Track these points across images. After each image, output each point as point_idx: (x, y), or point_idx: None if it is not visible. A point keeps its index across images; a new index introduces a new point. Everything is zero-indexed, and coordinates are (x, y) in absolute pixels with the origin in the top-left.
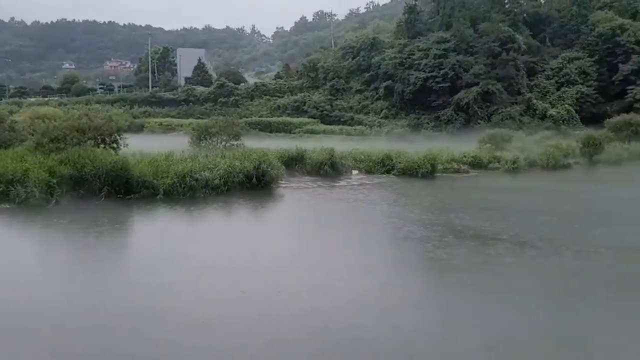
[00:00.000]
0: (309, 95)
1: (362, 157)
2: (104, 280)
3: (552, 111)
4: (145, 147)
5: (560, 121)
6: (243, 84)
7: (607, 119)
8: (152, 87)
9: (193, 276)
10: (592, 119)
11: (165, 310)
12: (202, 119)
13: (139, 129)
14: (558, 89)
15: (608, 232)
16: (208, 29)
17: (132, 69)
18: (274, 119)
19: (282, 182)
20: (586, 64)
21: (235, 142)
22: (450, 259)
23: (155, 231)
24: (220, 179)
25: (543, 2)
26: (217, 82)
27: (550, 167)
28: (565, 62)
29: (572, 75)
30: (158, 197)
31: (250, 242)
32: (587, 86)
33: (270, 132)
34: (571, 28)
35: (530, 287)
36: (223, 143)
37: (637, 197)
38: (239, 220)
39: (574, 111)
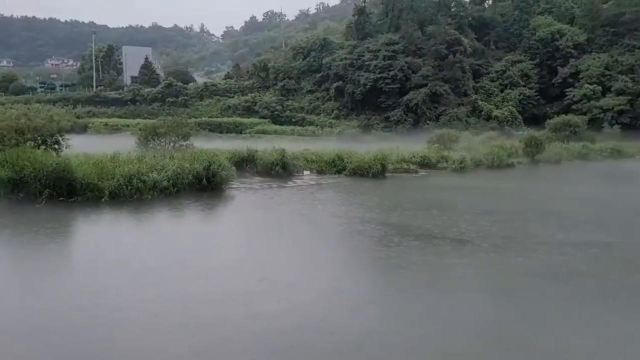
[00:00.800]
0: (259, 96)
1: (314, 157)
2: (42, 285)
3: (496, 112)
4: (90, 148)
5: (504, 122)
6: (192, 83)
7: (548, 120)
8: (97, 86)
9: (135, 280)
10: (534, 119)
11: (105, 313)
12: (149, 119)
13: (83, 129)
14: (502, 91)
15: (548, 229)
16: (155, 27)
17: (74, 67)
18: (225, 119)
19: (233, 183)
20: (528, 67)
21: (184, 143)
22: (397, 258)
23: (99, 234)
24: (168, 181)
25: (487, 6)
26: (165, 81)
27: (495, 166)
28: (508, 64)
29: (515, 78)
30: (103, 199)
31: (198, 244)
32: (529, 88)
33: (221, 132)
34: (514, 32)
35: (475, 284)
36: (172, 144)
37: (576, 195)
38: (187, 222)
39: (517, 112)
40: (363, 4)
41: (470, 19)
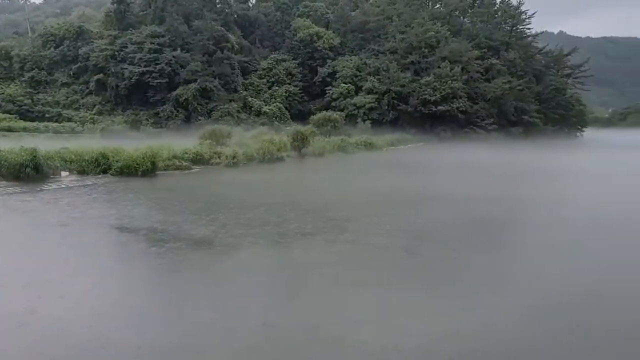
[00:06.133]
0: (2, 88)
1: (73, 156)
2: None
3: (265, 108)
4: None
5: (274, 117)
6: None
7: (312, 116)
8: None
9: None
10: (300, 115)
11: None
12: None
13: None
14: (270, 88)
15: (304, 222)
16: None
17: None
18: None
19: None
20: (292, 66)
21: None
22: (152, 264)
23: None
24: None
25: (251, 5)
26: None
27: (267, 160)
28: (274, 63)
29: (281, 76)
30: None
31: None
32: (294, 86)
33: None
34: (277, 32)
35: (206, 286)
36: None
37: (336, 185)
38: None
39: (284, 108)
40: None
41: (235, 16)
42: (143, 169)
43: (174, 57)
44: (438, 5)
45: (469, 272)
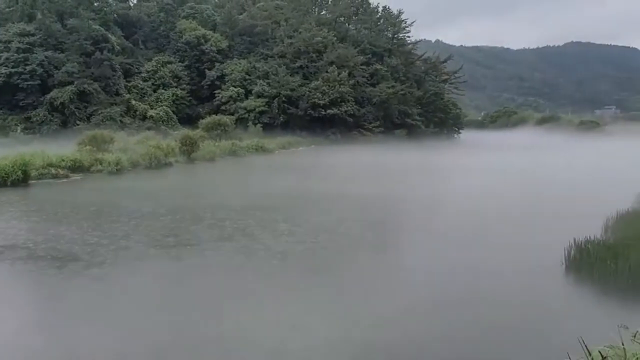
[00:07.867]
0: None
1: None
2: None
3: (151, 112)
4: None
5: (160, 122)
6: None
7: (201, 120)
8: None
9: None
10: (189, 119)
11: None
12: None
13: None
14: (155, 91)
15: (196, 227)
16: None
17: None
18: None
19: None
20: (178, 69)
21: None
22: (13, 286)
23: None
24: None
25: (132, 5)
26: None
27: (154, 166)
28: (159, 65)
29: (167, 79)
30: None
31: None
32: (182, 89)
33: None
34: (161, 33)
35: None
36: None
37: (224, 190)
38: None
39: (171, 112)
40: None
41: (115, 16)
42: (13, 179)
43: (46, 57)
44: (324, 12)
45: (363, 271)
